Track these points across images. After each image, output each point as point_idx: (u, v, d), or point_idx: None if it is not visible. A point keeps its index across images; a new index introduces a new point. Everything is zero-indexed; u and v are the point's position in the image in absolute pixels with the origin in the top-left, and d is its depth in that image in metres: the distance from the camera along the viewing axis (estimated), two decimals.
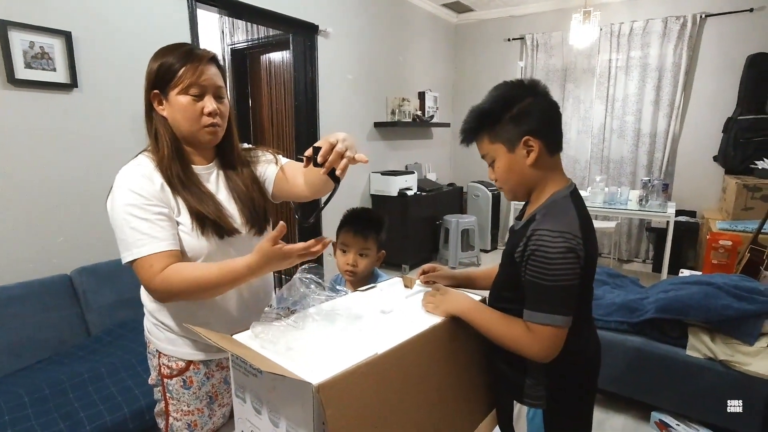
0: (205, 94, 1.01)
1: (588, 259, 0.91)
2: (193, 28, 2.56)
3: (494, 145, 0.97)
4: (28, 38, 1.92)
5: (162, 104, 1.02)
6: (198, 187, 1.04)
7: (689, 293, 2.01)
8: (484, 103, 0.99)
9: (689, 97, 4.20)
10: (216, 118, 1.02)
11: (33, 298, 1.89)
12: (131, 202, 0.96)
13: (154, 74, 1.00)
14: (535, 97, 0.95)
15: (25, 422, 1.46)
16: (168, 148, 1.02)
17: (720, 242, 2.95)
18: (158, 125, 1.03)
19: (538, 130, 0.94)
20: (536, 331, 0.90)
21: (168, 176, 1.01)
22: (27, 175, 1.99)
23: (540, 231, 0.89)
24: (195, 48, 1.03)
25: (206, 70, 1.00)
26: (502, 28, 5.09)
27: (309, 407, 0.74)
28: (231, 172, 1.12)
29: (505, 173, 0.98)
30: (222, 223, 1.03)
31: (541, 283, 0.88)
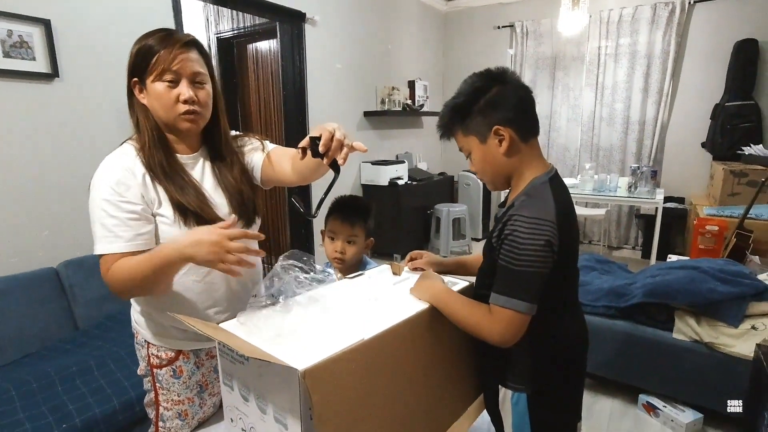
0: (180, 79, 0.97)
1: (565, 246, 0.91)
2: (177, 16, 2.52)
3: (467, 137, 0.98)
4: (5, 26, 1.87)
5: (142, 92, 1.00)
6: (181, 176, 1.02)
7: (676, 278, 2.04)
8: (454, 97, 0.99)
9: (678, 84, 4.22)
10: (194, 106, 0.99)
11: (19, 292, 1.87)
12: (106, 197, 0.95)
13: (132, 61, 0.99)
14: (503, 85, 0.94)
15: (13, 415, 1.45)
16: (149, 137, 1.00)
17: (707, 227, 2.99)
18: (139, 113, 1.01)
19: (507, 119, 0.93)
20: (497, 314, 0.90)
21: (150, 165, 0.99)
22: (9, 167, 1.95)
23: (515, 216, 0.89)
24: (172, 32, 0.99)
25: (181, 55, 0.96)
26: (491, 16, 5.06)
27: (295, 393, 0.74)
28: (220, 163, 1.10)
29: (481, 164, 1.00)
30: (203, 213, 1.01)
31: (510, 268, 0.88)
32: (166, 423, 1.14)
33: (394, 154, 4.68)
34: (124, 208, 0.95)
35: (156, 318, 1.10)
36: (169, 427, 1.14)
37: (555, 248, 0.88)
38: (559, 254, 0.89)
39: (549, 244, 0.87)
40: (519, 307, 0.88)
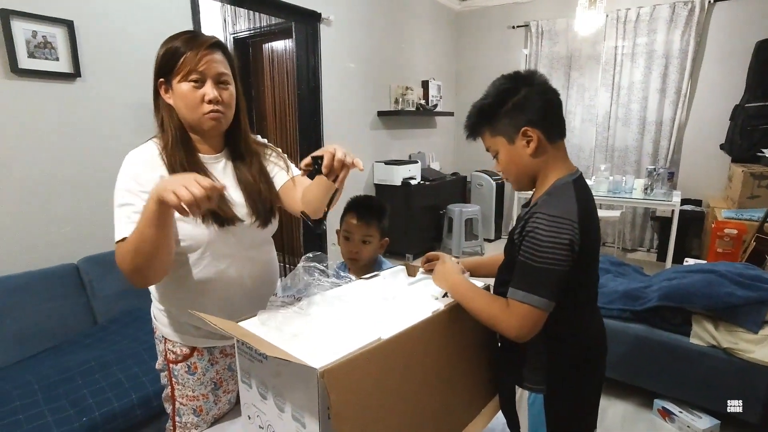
0: (205, 80, 0.99)
1: (585, 247, 0.91)
2: (195, 17, 2.55)
3: (495, 138, 1.00)
4: (30, 27, 1.92)
5: (168, 92, 1.02)
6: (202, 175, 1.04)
7: (693, 281, 2.01)
8: (482, 98, 1.02)
9: (696, 85, 4.15)
10: (218, 106, 1.01)
11: (40, 286, 1.91)
12: (127, 187, 0.98)
13: (159, 62, 1.01)
14: (531, 88, 0.95)
15: (35, 408, 1.48)
16: (172, 136, 1.02)
17: (725, 231, 2.95)
18: (164, 113, 1.03)
19: (535, 120, 0.95)
20: (514, 308, 0.91)
21: (171, 164, 1.01)
22: (32, 165, 2.00)
23: (537, 214, 0.91)
24: (198, 34, 1.03)
25: (206, 56, 0.98)
26: (505, 15, 5.03)
27: (314, 392, 0.75)
28: (239, 162, 1.12)
29: (508, 164, 1.01)
30: (220, 212, 1.02)
31: (529, 263, 0.90)
32: (182, 418, 1.16)
33: (407, 153, 4.68)
34: (142, 198, 0.94)
35: (173, 314, 1.12)
36: (185, 422, 1.16)
37: (576, 248, 0.89)
38: (580, 254, 0.90)
39: (570, 243, 0.88)
40: (536, 302, 0.89)
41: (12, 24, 1.86)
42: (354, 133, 3.97)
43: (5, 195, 1.93)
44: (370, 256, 1.45)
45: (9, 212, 1.95)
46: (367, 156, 4.15)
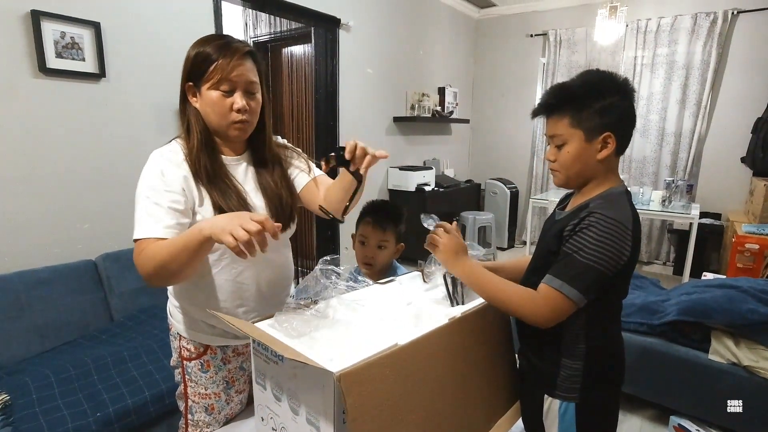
0: (235, 89, 1.00)
1: (632, 257, 0.92)
2: (218, 20, 2.59)
3: (573, 129, 0.96)
4: (59, 28, 1.96)
5: (195, 96, 1.03)
6: (224, 180, 1.05)
7: (713, 296, 1.97)
8: (574, 84, 0.97)
9: (717, 96, 4.09)
10: (245, 115, 1.02)
11: (60, 281, 1.95)
12: (152, 184, 0.98)
13: (190, 65, 1.01)
14: (624, 96, 0.94)
15: (52, 401, 1.51)
16: (198, 140, 1.03)
17: (746, 245, 2.88)
18: (191, 116, 1.04)
19: (618, 129, 0.94)
20: (546, 294, 0.91)
21: (196, 168, 1.02)
22: (56, 162, 2.04)
23: (597, 213, 0.90)
24: (231, 41, 1.01)
25: (239, 66, 0.99)
26: (524, 24, 5.02)
27: (330, 395, 0.75)
28: (262, 167, 1.13)
29: (572, 160, 0.97)
30: None
31: (575, 257, 0.89)
32: (195, 416, 1.17)
33: (422, 160, 4.68)
34: (167, 197, 0.97)
35: (188, 311, 1.12)
36: (197, 420, 1.17)
37: (625, 253, 0.89)
38: (626, 263, 0.90)
39: (620, 249, 0.88)
40: (572, 294, 0.89)
41: (42, 25, 1.91)
42: (369, 139, 3.97)
43: (30, 191, 1.98)
44: (385, 262, 1.45)
45: (32, 208, 1.99)
46: (381, 161, 4.13)
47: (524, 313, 0.94)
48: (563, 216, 1.01)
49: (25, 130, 1.94)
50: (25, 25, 1.89)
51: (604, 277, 0.89)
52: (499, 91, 5.28)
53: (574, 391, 0.99)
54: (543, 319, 0.92)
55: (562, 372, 1.00)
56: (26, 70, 1.92)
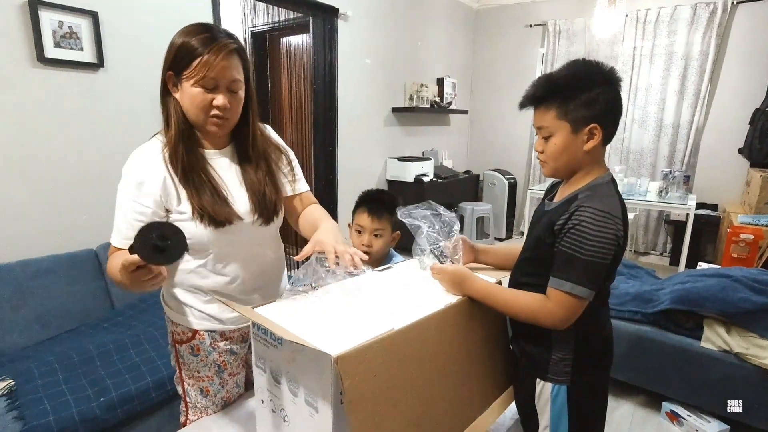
0: (218, 86, 0.98)
1: (622, 244, 0.95)
2: (215, 9, 2.58)
3: (559, 121, 0.96)
4: (57, 18, 1.96)
5: (176, 87, 1.00)
6: (199, 175, 1.03)
7: (706, 285, 2.00)
8: (560, 75, 0.97)
9: (716, 87, 4.09)
10: (224, 112, 1.00)
11: (61, 271, 1.97)
12: (125, 190, 1.01)
13: (173, 56, 0.98)
14: (611, 87, 0.95)
15: (56, 386, 1.54)
16: (176, 132, 1.01)
17: (741, 236, 2.91)
18: (170, 107, 1.02)
19: (604, 120, 0.95)
20: (559, 299, 0.94)
21: (172, 161, 1.01)
22: (55, 152, 2.05)
23: (585, 207, 0.92)
24: (218, 35, 0.97)
25: (223, 63, 0.95)
26: (523, 14, 4.99)
27: (327, 378, 0.78)
28: (246, 163, 1.11)
29: (559, 152, 0.98)
30: (216, 215, 1.02)
31: (576, 256, 0.91)
32: (192, 399, 1.19)
33: (421, 150, 4.69)
34: (135, 209, 1.00)
35: (175, 295, 1.13)
36: (194, 402, 1.19)
37: (619, 242, 0.92)
38: (618, 250, 0.93)
39: (616, 238, 0.91)
40: (583, 293, 0.92)
41: (40, 14, 1.91)
42: (368, 129, 3.99)
43: (30, 181, 1.99)
44: (381, 250, 1.47)
45: (33, 197, 2.01)
46: (380, 152, 4.16)
47: (540, 320, 0.97)
48: (553, 207, 1.03)
49: (24, 120, 1.95)
50: (23, 15, 1.89)
51: (606, 267, 0.92)
52: (497, 81, 5.27)
53: (566, 374, 1.02)
54: (560, 323, 0.95)
55: (553, 356, 1.03)
56: (24, 60, 1.92)
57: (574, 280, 0.92)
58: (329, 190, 3.69)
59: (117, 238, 1.01)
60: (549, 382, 1.04)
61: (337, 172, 3.70)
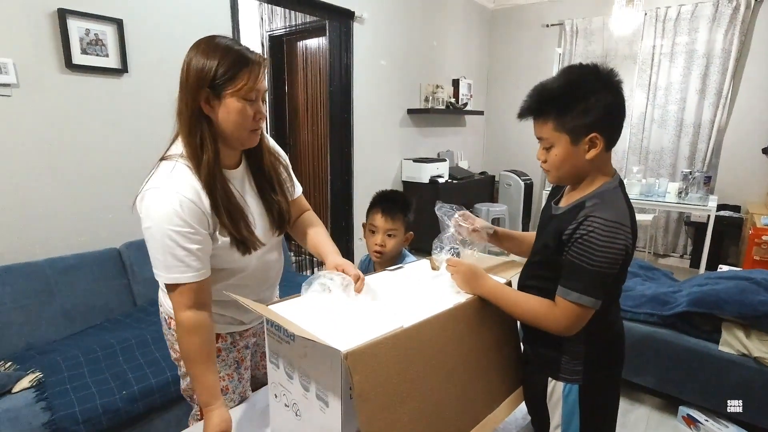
0: (258, 98, 1.00)
1: (631, 249, 0.94)
2: (234, 15, 2.64)
3: (557, 133, 0.94)
4: (84, 26, 2.04)
5: (210, 104, 0.97)
6: (230, 200, 1.03)
7: (725, 287, 1.96)
8: (554, 85, 0.94)
9: (738, 86, 3.99)
10: (261, 122, 1.03)
11: (86, 268, 2.05)
12: (175, 228, 0.95)
13: (209, 74, 0.95)
14: (609, 91, 0.91)
15: (81, 379, 1.60)
16: (211, 153, 0.99)
17: (763, 238, 2.84)
18: (203, 128, 0.99)
19: (605, 128, 0.92)
20: (565, 307, 0.94)
21: (209, 183, 0.99)
22: (81, 154, 2.14)
23: (593, 217, 0.91)
24: (248, 51, 0.99)
25: (262, 76, 0.99)
26: (540, 14, 4.96)
27: (337, 373, 0.80)
28: (261, 177, 1.13)
29: (561, 162, 0.97)
30: (248, 243, 1.07)
31: (583, 266, 0.91)
32: None
33: (436, 151, 4.69)
34: (193, 240, 0.97)
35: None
36: None
37: (627, 251, 0.92)
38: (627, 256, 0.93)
39: (625, 248, 0.91)
40: (589, 303, 0.92)
41: (68, 22, 1.99)
42: (383, 131, 4.01)
43: (57, 182, 2.08)
44: (394, 250, 1.49)
45: (61, 198, 2.09)
46: (395, 153, 4.18)
47: (547, 327, 0.98)
48: (560, 212, 1.03)
49: (53, 123, 2.03)
50: (52, 23, 1.97)
51: (613, 276, 0.92)
52: (514, 82, 5.24)
53: (577, 373, 1.03)
54: (565, 330, 0.96)
55: (564, 356, 1.03)
56: (53, 66, 2.00)
57: (581, 290, 0.92)
58: (345, 191, 3.73)
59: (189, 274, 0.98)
60: (560, 381, 1.05)
61: (353, 173, 3.74)
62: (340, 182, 3.71)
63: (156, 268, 1.00)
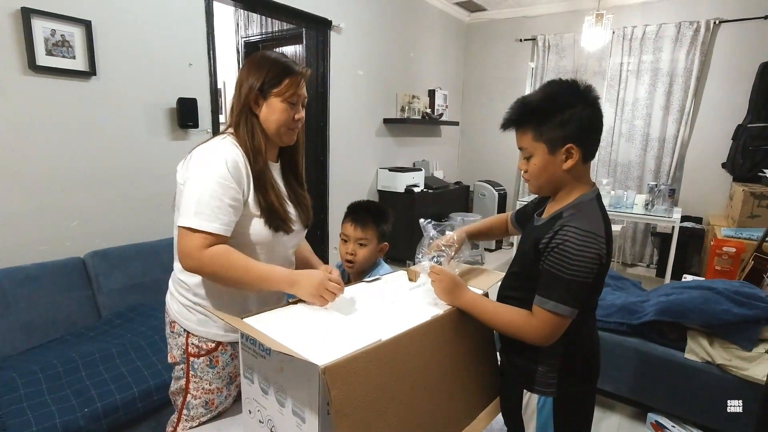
0: (298, 103, 1.14)
1: (606, 260, 0.96)
2: (209, 20, 2.60)
3: (536, 143, 0.99)
4: (49, 26, 1.97)
5: (258, 103, 1.12)
6: (269, 180, 1.14)
7: (690, 297, 2.03)
8: (534, 98, 1.00)
9: (699, 103, 4.19)
10: (300, 124, 1.17)
11: (47, 279, 1.95)
12: (220, 179, 1.03)
13: (264, 76, 1.10)
14: (586, 106, 0.96)
15: (39, 396, 1.51)
16: (263, 143, 1.12)
17: (724, 249, 2.97)
18: (254, 122, 1.13)
19: (581, 139, 0.96)
20: (542, 317, 0.95)
21: (257, 169, 1.10)
22: (44, 159, 2.04)
23: (568, 227, 0.93)
24: (294, 63, 1.15)
25: (303, 85, 1.14)
26: (514, 29, 5.09)
27: (315, 388, 0.79)
28: (292, 177, 1.25)
29: (540, 171, 1.01)
30: (287, 221, 1.16)
31: (559, 275, 0.93)
32: (191, 411, 1.19)
33: (412, 161, 4.72)
34: (230, 195, 1.04)
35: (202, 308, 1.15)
36: (192, 415, 1.19)
37: (602, 260, 0.94)
38: (602, 266, 0.95)
39: (599, 257, 0.93)
40: (565, 312, 0.93)
41: (32, 22, 1.91)
42: (359, 140, 4.01)
43: (18, 188, 1.98)
44: (366, 259, 1.49)
45: (21, 205, 1.99)
46: (371, 162, 4.19)
47: (525, 337, 0.99)
48: (540, 223, 1.05)
49: (14, 127, 1.94)
50: (15, 23, 1.89)
51: (589, 285, 0.94)
52: (488, 94, 5.34)
53: (552, 386, 1.04)
54: (543, 340, 0.97)
55: (540, 368, 1.04)
56: (16, 68, 1.92)
57: (557, 298, 0.93)
58: (320, 200, 3.71)
59: (216, 225, 1.02)
60: (535, 393, 1.06)
61: (329, 182, 3.72)
62: (316, 191, 3.68)
63: (185, 214, 1.02)
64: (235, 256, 1.03)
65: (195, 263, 1.02)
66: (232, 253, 1.03)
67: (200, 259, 1.01)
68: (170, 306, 1.20)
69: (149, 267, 2.22)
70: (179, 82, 2.48)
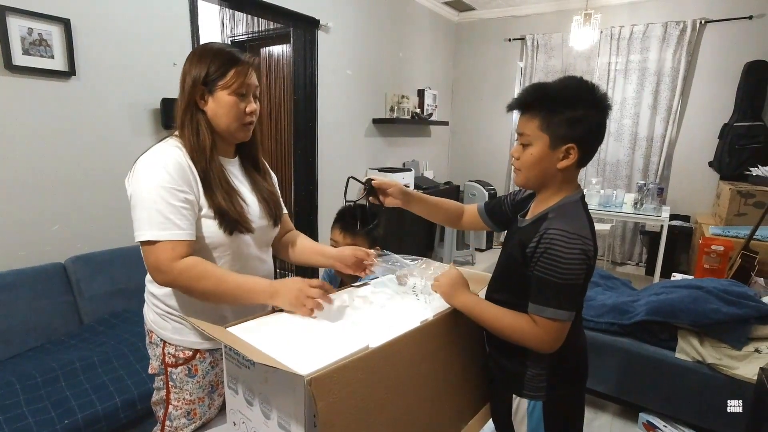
0: (248, 94, 1.08)
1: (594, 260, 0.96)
2: (194, 19, 2.55)
3: (540, 132, 0.96)
4: (26, 24, 1.91)
5: (204, 99, 1.06)
6: (227, 183, 1.09)
7: (679, 297, 2.03)
8: (552, 87, 0.97)
9: (686, 103, 4.23)
10: (253, 117, 1.10)
11: (26, 285, 1.88)
12: (164, 184, 0.98)
13: (206, 69, 1.04)
14: (599, 112, 0.95)
15: (16, 409, 1.46)
16: (209, 141, 1.06)
17: (712, 247, 2.98)
18: (200, 120, 1.07)
19: (583, 143, 0.95)
20: (544, 325, 0.94)
21: (204, 168, 1.05)
22: (22, 162, 1.98)
23: (554, 231, 0.92)
24: (238, 52, 1.08)
25: (252, 74, 1.07)
26: (502, 28, 5.09)
27: (300, 399, 0.75)
28: (253, 170, 1.20)
29: (534, 163, 0.99)
30: (241, 221, 1.09)
31: (552, 280, 0.91)
32: (173, 422, 1.15)
33: (402, 161, 4.70)
34: (179, 197, 0.99)
35: (176, 316, 1.11)
36: (175, 426, 1.15)
37: (590, 261, 0.93)
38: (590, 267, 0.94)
39: (587, 258, 0.92)
40: (564, 317, 0.92)
41: (8, 20, 1.85)
42: (349, 140, 3.98)
43: None
44: None
45: None
46: (361, 162, 4.16)
47: (528, 344, 0.97)
48: (524, 225, 1.04)
49: None
50: None
51: (581, 287, 0.94)
52: (477, 93, 5.34)
53: (541, 390, 1.03)
54: (549, 347, 0.95)
55: (528, 372, 1.03)
56: None
57: (554, 305, 0.92)
58: (309, 201, 3.66)
59: (173, 231, 0.97)
60: (525, 398, 1.04)
61: (318, 182, 3.67)
62: (305, 191, 3.64)
63: (139, 229, 0.98)
64: (209, 267, 0.99)
65: (167, 277, 0.98)
66: (204, 265, 0.99)
67: (171, 272, 0.97)
68: (147, 315, 1.16)
69: (133, 272, 2.16)
70: (163, 83, 2.43)
